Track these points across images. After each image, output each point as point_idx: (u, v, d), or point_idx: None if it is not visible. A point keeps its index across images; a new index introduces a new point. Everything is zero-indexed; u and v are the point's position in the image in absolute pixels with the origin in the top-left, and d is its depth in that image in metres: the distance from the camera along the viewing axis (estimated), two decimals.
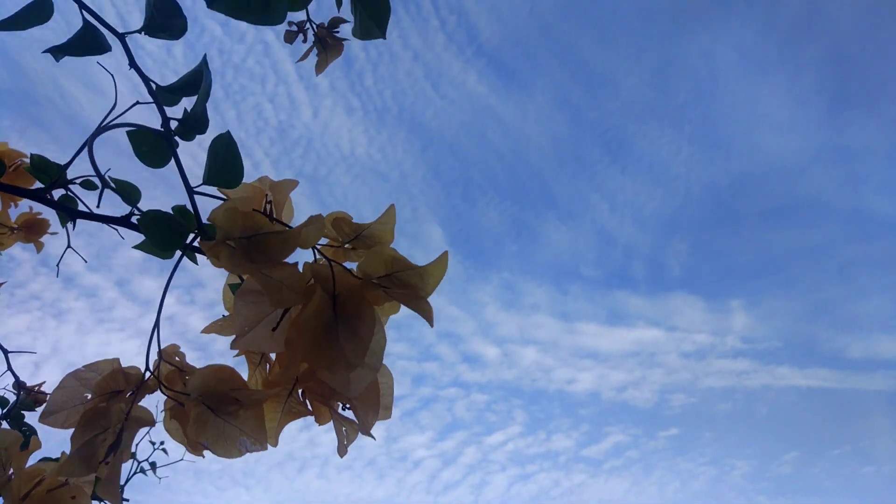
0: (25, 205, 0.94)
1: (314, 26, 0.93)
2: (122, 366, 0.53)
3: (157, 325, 0.52)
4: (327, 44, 0.92)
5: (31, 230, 0.96)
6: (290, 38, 0.95)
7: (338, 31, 0.92)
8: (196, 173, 0.55)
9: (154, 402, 0.57)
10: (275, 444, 0.53)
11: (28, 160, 1.00)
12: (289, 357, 0.47)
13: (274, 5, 0.48)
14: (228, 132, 0.50)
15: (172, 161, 0.55)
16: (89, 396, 0.53)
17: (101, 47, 0.57)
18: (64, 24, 0.62)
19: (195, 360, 0.62)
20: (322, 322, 0.44)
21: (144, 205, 0.70)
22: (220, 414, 0.49)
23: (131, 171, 0.62)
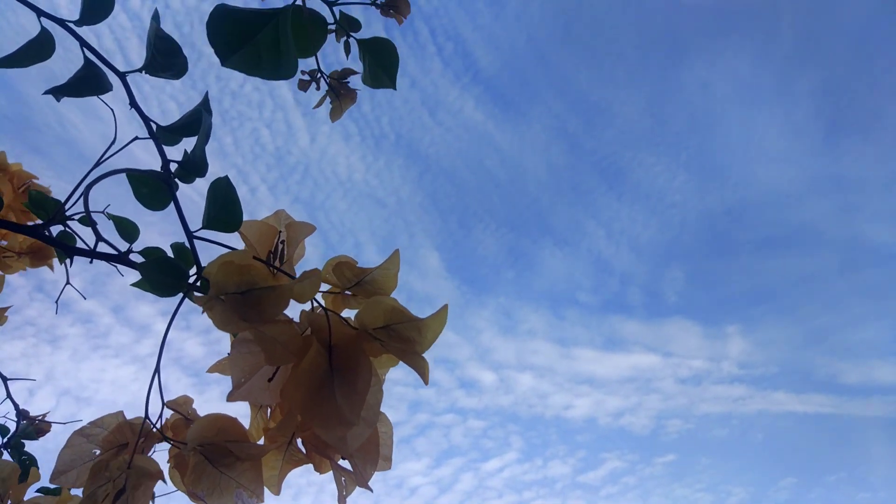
0: None
1: (325, 76, 0.94)
2: (127, 418, 0.53)
3: (157, 370, 0.51)
4: (340, 93, 0.93)
5: (38, 255, 0.96)
6: (303, 86, 0.95)
7: (349, 82, 0.93)
8: (197, 205, 0.55)
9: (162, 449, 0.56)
10: (277, 493, 0.52)
11: (38, 181, 1.00)
12: (285, 411, 0.46)
13: (285, 62, 0.48)
14: (227, 177, 0.49)
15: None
16: (98, 452, 0.52)
17: (102, 87, 0.56)
18: (62, 51, 0.61)
19: (190, 386, 0.61)
20: (318, 376, 0.43)
21: (144, 237, 0.70)
22: (217, 465, 0.48)
23: (131, 204, 0.62)
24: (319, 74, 0.94)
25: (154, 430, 0.52)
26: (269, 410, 0.56)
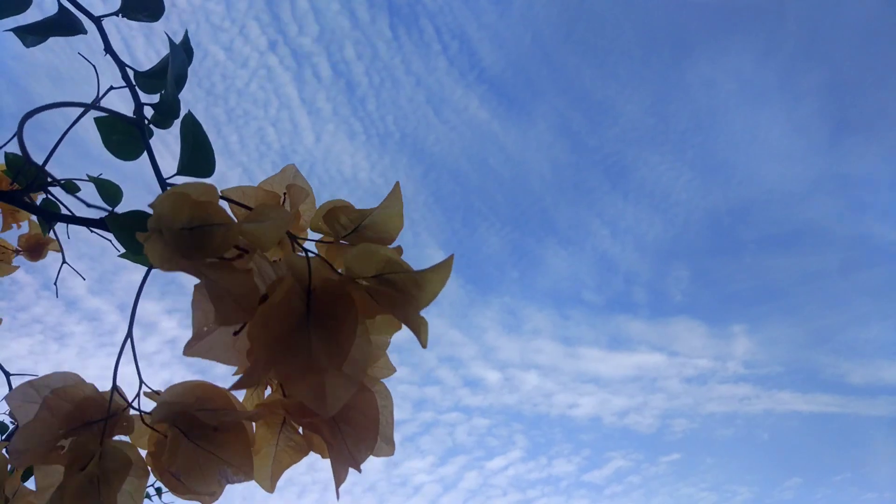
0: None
1: None
2: (98, 391, 0.46)
3: (129, 335, 0.46)
4: None
5: (34, 252, 0.93)
6: None
7: None
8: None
9: None
10: (270, 491, 0.45)
11: None
12: (252, 358, 0.38)
13: None
14: (190, 113, 0.43)
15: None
16: (62, 432, 0.45)
17: (74, 29, 0.52)
18: (66, 46, 0.57)
19: None
20: (291, 317, 0.36)
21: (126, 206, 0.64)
22: (193, 438, 0.42)
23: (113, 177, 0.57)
24: None
25: (131, 410, 0.45)
26: (269, 389, 0.49)
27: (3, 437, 0.89)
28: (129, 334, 0.45)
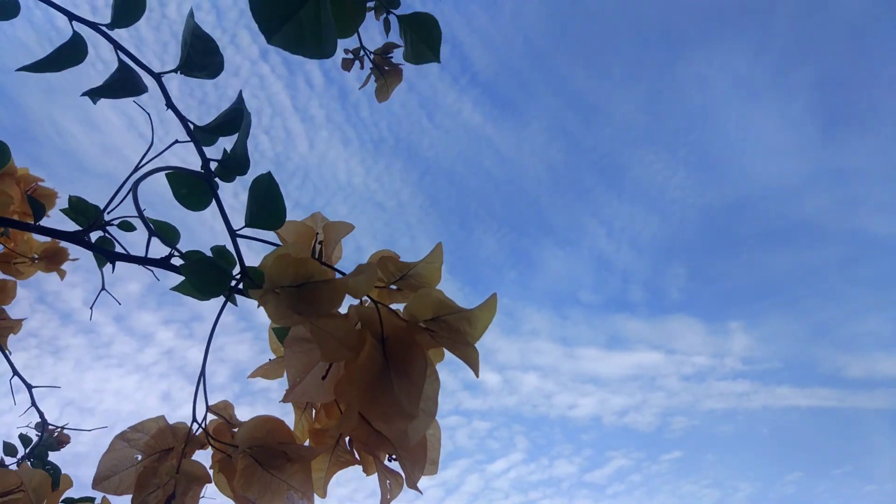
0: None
1: (369, 53, 0.92)
2: (169, 423, 0.51)
3: (202, 375, 0.50)
4: (385, 70, 0.91)
5: (52, 259, 0.95)
6: (347, 65, 0.94)
7: (392, 56, 0.92)
8: (231, 209, 0.54)
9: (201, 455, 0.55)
10: (323, 496, 0.51)
11: (43, 184, 1.00)
12: (343, 407, 0.45)
13: (327, 39, 0.46)
14: (269, 173, 0.48)
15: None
16: (139, 458, 0.51)
17: (137, 88, 0.56)
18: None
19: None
20: (374, 369, 0.42)
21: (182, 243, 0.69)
22: (267, 467, 0.47)
23: (165, 210, 0.61)
24: (362, 52, 0.92)
25: (198, 433, 0.51)
26: (314, 412, 0.55)
27: (28, 451, 0.91)
28: (202, 374, 0.50)
